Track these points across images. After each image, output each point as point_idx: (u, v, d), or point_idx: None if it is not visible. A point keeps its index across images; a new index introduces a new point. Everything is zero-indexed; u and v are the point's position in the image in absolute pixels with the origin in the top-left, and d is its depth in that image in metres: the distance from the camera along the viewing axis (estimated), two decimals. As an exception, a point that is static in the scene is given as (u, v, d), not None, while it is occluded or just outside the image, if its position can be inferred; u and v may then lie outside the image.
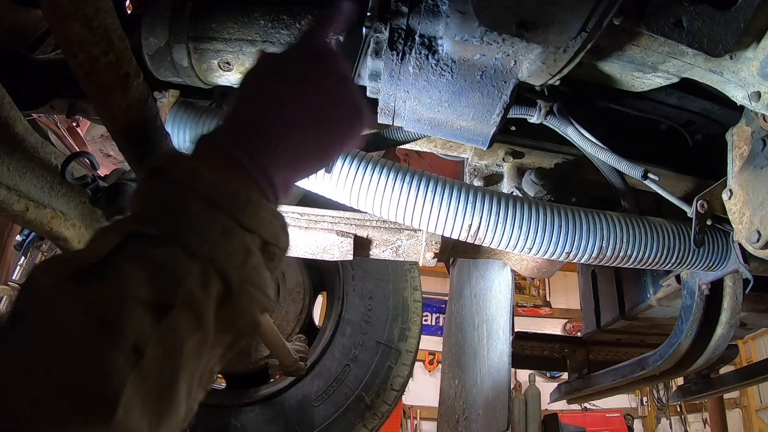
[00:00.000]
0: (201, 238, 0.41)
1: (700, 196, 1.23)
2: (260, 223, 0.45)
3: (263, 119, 0.52)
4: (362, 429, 2.07)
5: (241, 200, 0.44)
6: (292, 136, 0.52)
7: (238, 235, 0.43)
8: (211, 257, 0.41)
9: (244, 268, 0.43)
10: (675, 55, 1.00)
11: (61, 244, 1.04)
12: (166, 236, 0.40)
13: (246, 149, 0.49)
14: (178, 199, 0.42)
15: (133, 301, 0.37)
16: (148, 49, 1.13)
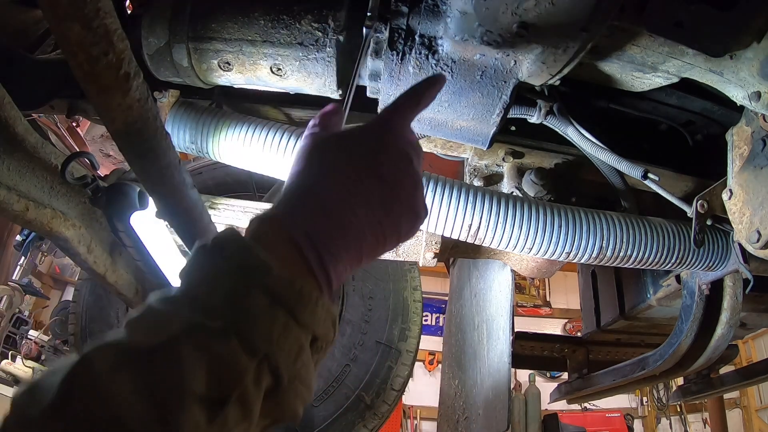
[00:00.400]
0: (261, 336, 0.41)
1: (700, 196, 1.23)
2: (316, 320, 0.45)
3: (332, 207, 0.50)
4: (362, 429, 2.07)
5: (303, 298, 0.44)
6: (356, 229, 0.51)
7: (295, 332, 0.44)
8: (268, 354, 0.41)
9: (295, 366, 0.44)
10: (675, 55, 1.00)
11: (61, 244, 1.04)
12: (228, 330, 0.40)
13: (310, 239, 0.48)
14: (245, 293, 0.42)
15: (190, 395, 0.37)
16: (148, 49, 1.13)
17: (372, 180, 0.52)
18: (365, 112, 1.33)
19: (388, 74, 1.02)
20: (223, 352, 0.39)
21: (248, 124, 1.18)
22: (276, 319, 0.42)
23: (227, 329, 0.40)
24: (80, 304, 2.24)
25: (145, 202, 1.03)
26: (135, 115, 0.66)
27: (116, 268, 1.23)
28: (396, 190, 0.54)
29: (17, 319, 7.40)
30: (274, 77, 1.16)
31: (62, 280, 9.05)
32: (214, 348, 0.39)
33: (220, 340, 0.39)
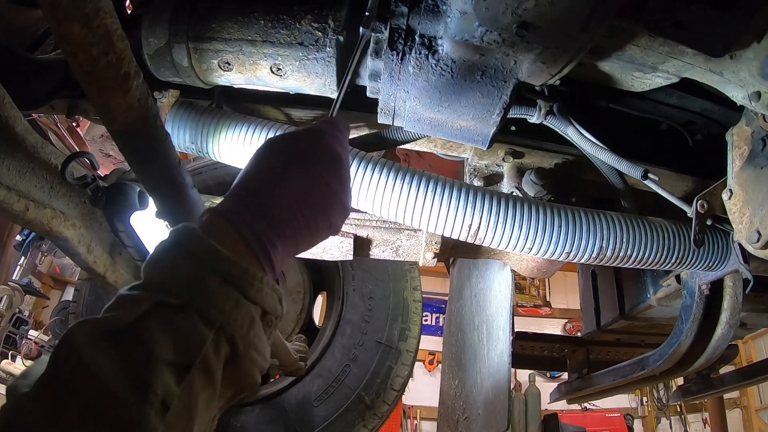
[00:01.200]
0: (216, 310, 0.48)
1: (700, 196, 1.23)
2: (263, 296, 0.53)
3: (270, 202, 0.59)
4: (362, 429, 2.06)
5: (249, 277, 0.52)
6: (292, 223, 0.60)
7: (245, 306, 0.51)
8: (223, 325, 0.48)
9: (248, 336, 0.51)
10: (675, 55, 1.00)
11: (61, 244, 1.04)
12: (187, 306, 0.47)
13: (253, 230, 0.56)
14: (200, 275, 0.49)
15: (160, 362, 0.43)
16: (148, 49, 1.13)
17: (306, 180, 0.62)
18: (365, 112, 1.33)
19: (388, 74, 1.02)
20: (185, 325, 0.46)
21: (248, 124, 1.18)
22: (228, 295, 0.50)
23: (187, 305, 0.47)
24: (80, 304, 2.24)
25: (145, 202, 1.03)
26: (135, 115, 0.65)
27: (116, 268, 1.23)
28: (328, 188, 0.64)
29: (17, 319, 7.40)
30: (274, 77, 1.16)
31: (62, 280, 9.05)
32: (177, 321, 0.46)
33: (182, 314, 0.46)
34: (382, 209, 1.13)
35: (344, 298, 2.22)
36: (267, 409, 2.08)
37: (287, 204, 0.60)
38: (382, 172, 1.11)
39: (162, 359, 0.43)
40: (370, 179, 1.10)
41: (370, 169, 1.11)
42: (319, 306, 2.67)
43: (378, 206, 1.13)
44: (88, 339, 0.43)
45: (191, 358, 0.45)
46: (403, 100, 1.07)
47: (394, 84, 1.03)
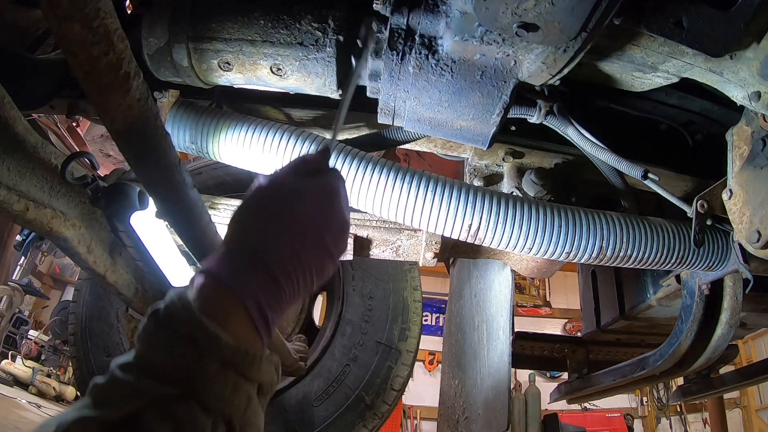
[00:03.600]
0: (215, 397, 0.48)
1: (700, 196, 1.23)
2: (261, 373, 0.53)
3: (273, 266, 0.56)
4: (362, 429, 2.06)
5: (248, 358, 0.51)
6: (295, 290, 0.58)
7: (244, 387, 0.51)
8: (222, 410, 0.48)
9: (245, 415, 0.51)
10: (675, 55, 1.00)
11: (61, 244, 1.04)
12: (185, 394, 0.47)
13: (259, 304, 0.54)
14: (197, 361, 0.48)
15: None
16: (148, 49, 1.13)
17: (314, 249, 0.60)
18: (365, 112, 1.33)
19: (388, 74, 1.02)
20: (184, 415, 0.46)
21: (248, 125, 1.18)
22: (227, 380, 0.49)
23: (186, 394, 0.46)
24: (80, 304, 2.24)
25: (145, 202, 1.03)
26: (135, 115, 0.65)
27: (116, 268, 1.23)
28: (331, 258, 0.62)
29: (17, 319, 7.40)
30: (274, 77, 1.16)
31: (62, 280, 9.05)
32: (176, 413, 0.45)
33: (181, 404, 0.46)
34: (382, 209, 1.13)
35: (344, 298, 2.22)
36: (267, 409, 2.08)
37: (291, 270, 0.58)
38: (382, 172, 1.11)
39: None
40: (370, 179, 1.10)
41: (370, 169, 1.11)
42: (319, 306, 2.67)
43: (378, 206, 1.13)
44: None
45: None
46: (403, 100, 1.07)
47: (394, 84, 1.03)
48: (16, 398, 5.19)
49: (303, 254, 0.59)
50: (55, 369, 7.24)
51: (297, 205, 0.60)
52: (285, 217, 0.59)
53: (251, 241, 0.58)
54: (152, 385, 0.46)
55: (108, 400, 0.46)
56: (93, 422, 0.43)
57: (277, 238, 0.58)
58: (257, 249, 0.57)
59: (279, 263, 0.57)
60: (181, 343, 0.49)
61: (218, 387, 0.48)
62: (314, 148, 1.14)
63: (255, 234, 0.58)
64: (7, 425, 3.42)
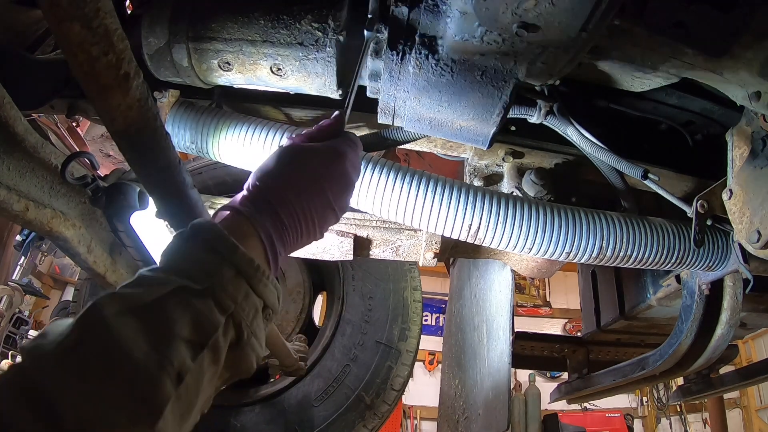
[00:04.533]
0: (230, 299, 0.54)
1: (700, 196, 1.23)
2: (267, 292, 0.59)
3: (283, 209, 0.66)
4: (362, 429, 2.06)
5: (259, 273, 0.58)
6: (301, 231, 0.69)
7: (252, 298, 0.57)
8: (233, 313, 0.54)
9: (252, 324, 0.57)
10: (675, 55, 1.00)
11: (61, 244, 1.04)
12: (206, 292, 0.52)
13: (269, 234, 0.64)
14: (217, 266, 0.55)
15: (179, 338, 0.48)
16: (148, 49, 1.13)
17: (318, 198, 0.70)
18: (365, 111, 1.33)
19: (388, 74, 1.02)
20: (203, 308, 0.51)
21: (248, 124, 1.18)
22: (240, 286, 0.56)
23: (205, 291, 0.52)
24: (80, 304, 2.24)
25: (145, 202, 1.03)
26: (135, 115, 0.65)
27: (116, 268, 1.23)
28: (333, 212, 0.73)
29: (17, 319, 7.39)
30: (274, 77, 1.16)
31: (62, 280, 9.04)
32: (196, 304, 0.51)
33: (200, 299, 0.51)
34: (382, 209, 1.13)
35: (344, 298, 2.22)
36: (267, 409, 2.08)
37: (296, 215, 0.68)
38: (382, 172, 1.11)
39: (180, 336, 0.48)
40: (370, 179, 1.10)
41: (370, 169, 1.11)
42: (319, 306, 2.67)
43: (378, 206, 1.13)
44: (115, 311, 0.46)
45: (206, 338, 0.50)
46: (403, 100, 1.07)
47: (394, 84, 1.03)
48: (16, 398, 5.18)
49: (307, 203, 0.68)
50: (55, 369, 7.23)
51: (307, 162, 0.72)
52: (295, 172, 0.70)
53: (267, 188, 0.68)
54: (176, 279, 0.52)
55: (137, 286, 0.50)
56: (122, 300, 0.48)
57: (286, 187, 0.68)
58: (270, 195, 0.67)
59: (286, 208, 0.67)
60: (203, 249, 0.56)
61: (233, 290, 0.54)
62: None
63: (270, 183, 0.68)
64: (7, 425, 3.42)
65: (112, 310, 0.46)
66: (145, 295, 0.49)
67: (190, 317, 0.49)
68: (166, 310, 0.49)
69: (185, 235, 0.58)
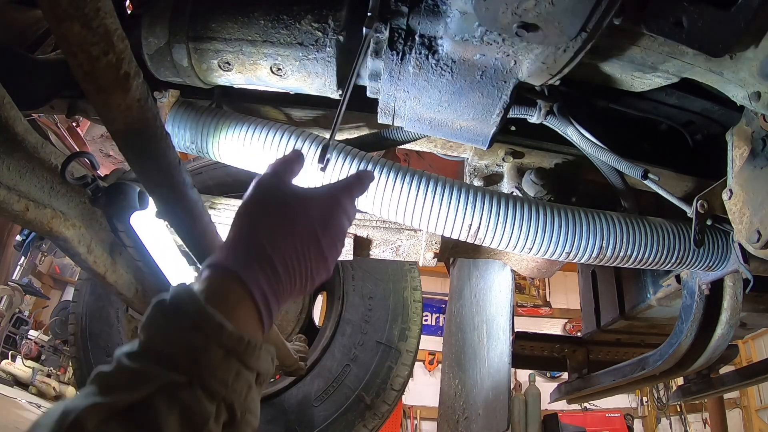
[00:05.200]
0: (220, 384, 0.50)
1: (700, 196, 1.23)
2: (260, 363, 0.55)
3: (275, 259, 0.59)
4: (362, 429, 2.06)
5: (250, 348, 0.53)
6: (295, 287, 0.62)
7: (245, 375, 0.53)
8: (225, 397, 0.51)
9: (246, 401, 0.54)
10: (675, 55, 1.00)
11: (61, 244, 1.04)
12: (192, 381, 0.48)
13: (263, 293, 0.57)
14: (204, 350, 0.50)
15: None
16: (148, 49, 1.13)
17: (311, 249, 0.64)
18: (365, 111, 1.33)
19: (388, 74, 1.02)
20: (191, 402, 0.48)
21: (248, 124, 1.18)
22: (230, 367, 0.52)
23: (192, 382, 0.48)
24: (80, 304, 2.24)
25: (145, 202, 1.03)
26: (135, 115, 0.65)
27: (116, 268, 1.23)
28: (325, 263, 0.66)
29: (17, 319, 7.40)
30: (274, 77, 1.16)
31: (62, 280, 9.05)
32: (183, 399, 0.47)
33: (187, 391, 0.48)
34: (382, 209, 1.13)
35: (344, 298, 2.22)
36: (267, 409, 2.08)
37: (292, 266, 0.61)
38: (382, 172, 1.11)
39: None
40: (370, 179, 1.10)
41: (370, 169, 1.11)
42: (319, 306, 2.67)
43: (378, 206, 1.13)
44: (98, 421, 0.44)
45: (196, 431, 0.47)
46: (403, 100, 1.07)
47: (394, 84, 1.03)
48: (16, 398, 5.19)
49: (303, 253, 0.62)
50: (55, 369, 7.24)
51: (305, 209, 0.65)
52: (290, 217, 0.64)
53: (258, 234, 0.61)
54: (160, 371, 0.48)
55: (116, 387, 0.47)
56: (103, 408, 0.44)
57: (281, 235, 0.62)
58: (263, 243, 0.60)
59: (282, 258, 0.60)
60: (187, 331, 0.51)
61: (222, 374, 0.51)
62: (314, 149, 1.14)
63: (261, 228, 0.62)
64: (7, 425, 3.42)
65: (94, 422, 0.44)
66: (128, 397, 0.46)
67: (178, 414, 0.46)
68: (152, 412, 0.45)
69: (165, 310, 0.53)
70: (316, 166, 1.09)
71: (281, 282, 0.60)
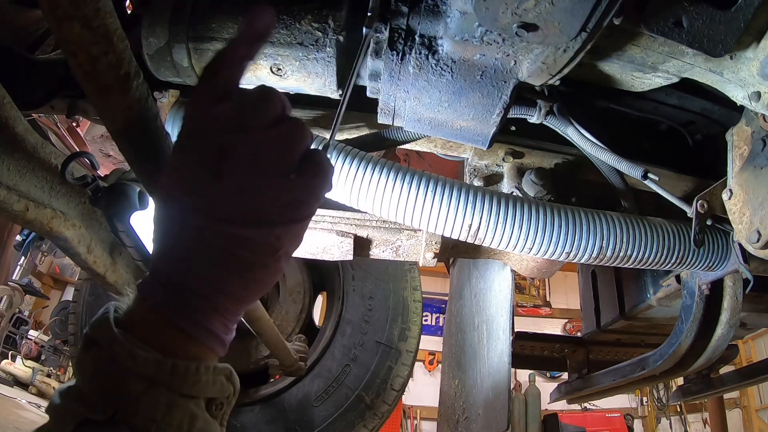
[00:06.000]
0: (146, 419, 0.43)
1: (700, 196, 1.23)
2: (202, 387, 0.46)
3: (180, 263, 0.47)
4: (362, 429, 2.07)
5: (179, 373, 0.45)
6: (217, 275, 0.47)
7: (181, 406, 0.45)
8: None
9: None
10: (675, 55, 1.00)
11: (61, 244, 1.04)
12: (113, 420, 0.42)
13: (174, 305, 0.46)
14: (120, 381, 0.43)
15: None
16: (148, 49, 1.13)
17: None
18: (365, 111, 1.33)
19: (388, 74, 1.02)
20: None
21: (248, 124, 1.18)
22: (157, 399, 0.43)
23: (114, 419, 0.42)
24: (80, 304, 2.24)
25: (145, 202, 1.03)
26: (135, 115, 0.65)
27: (116, 268, 1.23)
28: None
29: (17, 319, 7.41)
30: (274, 77, 1.16)
31: (62, 280, 9.06)
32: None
33: (110, 430, 0.42)
34: (382, 209, 1.13)
35: (344, 298, 2.23)
36: (267, 409, 2.08)
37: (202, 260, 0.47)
38: (382, 172, 1.11)
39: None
40: (370, 179, 1.10)
41: (370, 169, 1.11)
42: (319, 306, 2.67)
43: (378, 206, 1.13)
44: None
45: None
46: (403, 100, 1.07)
47: (394, 84, 1.03)
48: (16, 398, 5.19)
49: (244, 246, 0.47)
50: (55, 369, 7.25)
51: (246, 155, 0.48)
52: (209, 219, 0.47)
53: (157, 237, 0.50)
54: (78, 411, 0.43)
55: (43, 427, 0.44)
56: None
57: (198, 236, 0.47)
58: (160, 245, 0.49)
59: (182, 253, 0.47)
60: (103, 363, 0.44)
61: (147, 409, 0.43)
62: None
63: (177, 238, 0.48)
64: (7, 425, 3.42)
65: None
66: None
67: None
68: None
69: (85, 341, 0.46)
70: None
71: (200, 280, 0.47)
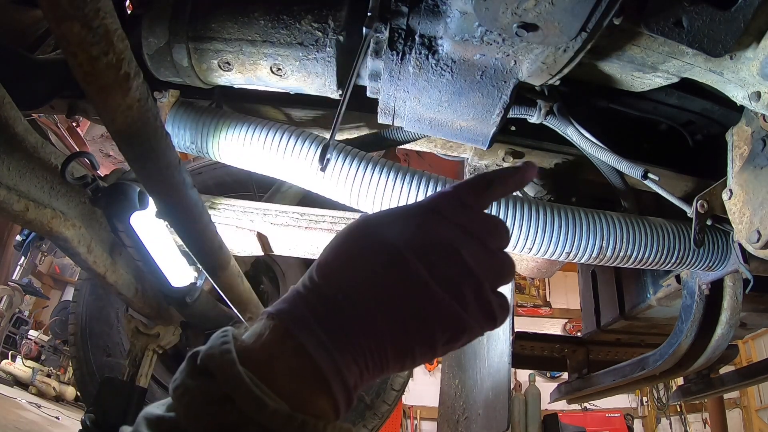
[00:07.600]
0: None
1: (700, 196, 1.23)
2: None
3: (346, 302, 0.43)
4: (362, 429, 2.07)
5: (307, 428, 0.39)
6: (377, 331, 0.44)
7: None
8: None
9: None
10: (675, 55, 1.00)
11: (61, 244, 1.04)
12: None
13: (323, 344, 0.42)
14: (235, 429, 0.38)
15: None
16: (148, 49, 1.13)
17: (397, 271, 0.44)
18: (365, 111, 1.33)
19: (388, 74, 1.02)
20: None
21: (248, 124, 1.18)
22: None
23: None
24: (80, 304, 2.24)
25: (145, 202, 1.03)
26: (135, 115, 0.66)
27: (116, 268, 1.23)
28: (427, 288, 0.44)
29: (17, 319, 7.41)
30: (274, 77, 1.16)
31: (62, 280, 9.06)
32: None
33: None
34: (382, 209, 1.13)
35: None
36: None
37: (378, 320, 0.44)
38: (382, 172, 1.11)
39: None
40: (370, 179, 1.10)
41: (370, 169, 1.11)
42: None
43: (378, 206, 1.13)
44: None
45: None
46: (403, 100, 1.07)
47: (394, 84, 1.03)
48: (16, 398, 5.20)
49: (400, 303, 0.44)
50: (55, 369, 7.25)
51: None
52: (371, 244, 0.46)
53: (324, 268, 0.45)
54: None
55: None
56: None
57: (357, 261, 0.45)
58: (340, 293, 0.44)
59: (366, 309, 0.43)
60: (216, 403, 0.38)
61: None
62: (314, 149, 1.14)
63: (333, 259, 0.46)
64: (7, 425, 3.42)
65: None
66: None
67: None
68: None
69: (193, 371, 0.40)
70: (316, 167, 1.09)
71: (367, 359, 0.44)
